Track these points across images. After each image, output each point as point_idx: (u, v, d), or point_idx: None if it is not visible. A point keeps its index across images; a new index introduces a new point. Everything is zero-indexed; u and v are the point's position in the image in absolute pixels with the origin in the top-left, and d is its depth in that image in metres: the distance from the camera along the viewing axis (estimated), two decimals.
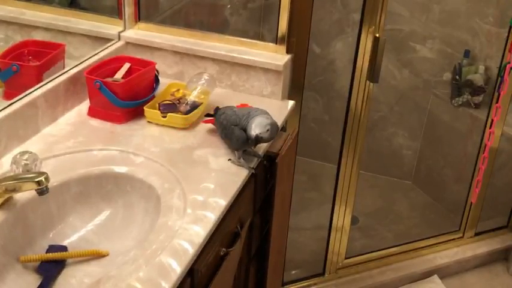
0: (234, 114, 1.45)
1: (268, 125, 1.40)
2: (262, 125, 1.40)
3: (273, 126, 1.41)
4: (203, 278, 1.24)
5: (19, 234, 1.23)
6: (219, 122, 1.49)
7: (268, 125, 1.40)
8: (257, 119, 1.41)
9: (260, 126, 1.39)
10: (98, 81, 1.53)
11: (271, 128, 1.40)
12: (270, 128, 1.40)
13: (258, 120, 1.40)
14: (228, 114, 1.47)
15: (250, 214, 1.58)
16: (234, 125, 1.42)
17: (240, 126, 1.42)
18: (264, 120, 1.41)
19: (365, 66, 1.97)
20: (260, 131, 1.39)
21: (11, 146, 1.40)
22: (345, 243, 2.32)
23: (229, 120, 1.44)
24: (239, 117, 1.43)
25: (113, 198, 1.36)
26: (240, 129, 1.41)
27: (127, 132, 1.53)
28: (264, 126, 1.40)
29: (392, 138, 3.07)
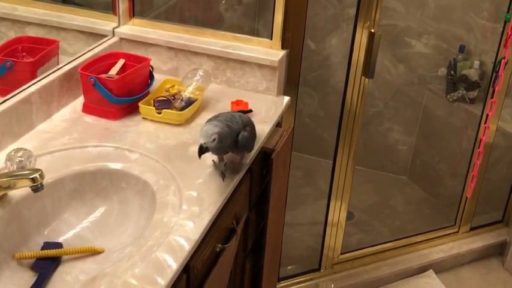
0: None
1: (215, 134, 1.27)
2: (207, 133, 1.27)
3: (221, 135, 1.27)
4: (199, 274, 1.24)
5: (14, 232, 1.22)
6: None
7: (215, 134, 1.27)
8: (204, 127, 1.29)
9: (205, 135, 1.27)
10: (92, 78, 1.53)
11: (218, 137, 1.27)
12: (217, 138, 1.27)
13: (205, 128, 1.28)
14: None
15: (246, 210, 1.58)
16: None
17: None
18: (211, 129, 1.27)
19: (360, 61, 1.97)
20: (204, 140, 1.27)
21: (5, 143, 1.39)
22: (340, 238, 2.33)
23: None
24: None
25: (108, 195, 1.36)
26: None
27: (122, 128, 1.53)
28: (209, 136, 1.27)
29: (387, 133, 3.08)
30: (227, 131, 1.29)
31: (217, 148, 1.29)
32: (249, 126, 1.39)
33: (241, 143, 1.34)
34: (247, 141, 1.37)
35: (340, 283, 2.37)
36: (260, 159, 1.59)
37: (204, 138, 1.26)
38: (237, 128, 1.33)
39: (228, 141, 1.30)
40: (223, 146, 1.30)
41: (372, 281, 2.40)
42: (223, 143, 1.29)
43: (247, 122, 1.38)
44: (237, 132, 1.33)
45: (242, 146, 1.36)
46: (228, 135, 1.30)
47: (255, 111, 1.64)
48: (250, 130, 1.39)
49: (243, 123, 1.36)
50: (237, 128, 1.33)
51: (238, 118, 1.36)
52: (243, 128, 1.35)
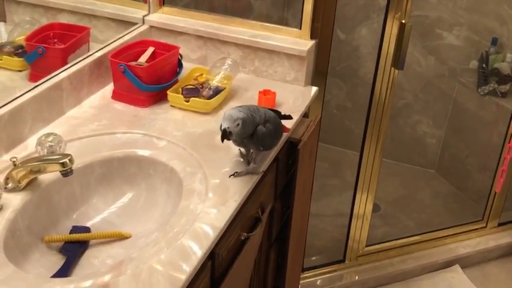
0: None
1: (239, 119, 1.24)
2: (231, 117, 1.24)
3: (245, 121, 1.25)
4: (224, 261, 1.25)
5: (43, 215, 1.25)
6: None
7: (240, 119, 1.24)
8: (228, 111, 1.26)
9: (229, 119, 1.24)
10: (122, 65, 1.54)
11: (242, 123, 1.24)
12: (241, 123, 1.24)
13: (229, 112, 1.26)
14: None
15: (272, 199, 1.58)
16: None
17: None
18: (235, 113, 1.25)
19: (390, 52, 1.95)
20: (228, 124, 1.24)
21: (36, 128, 1.42)
22: (366, 230, 2.32)
23: None
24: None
25: (135, 181, 1.38)
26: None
27: (150, 116, 1.54)
28: (233, 120, 1.24)
29: (416, 126, 3.04)
30: (250, 119, 1.27)
31: (240, 134, 1.26)
32: (271, 123, 1.34)
33: (256, 136, 1.30)
34: (263, 136, 1.31)
35: (364, 275, 2.36)
36: (286, 150, 1.59)
37: (228, 122, 1.23)
38: (258, 120, 1.30)
39: (250, 129, 1.28)
40: (245, 132, 1.27)
41: (396, 274, 2.39)
42: (246, 130, 1.26)
43: (269, 118, 1.34)
44: (257, 124, 1.30)
45: (257, 140, 1.31)
46: (250, 123, 1.27)
47: (282, 101, 1.64)
48: (271, 128, 1.34)
49: (265, 118, 1.33)
50: (258, 121, 1.30)
51: (263, 112, 1.33)
52: (264, 123, 1.32)
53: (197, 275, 1.10)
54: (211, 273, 1.20)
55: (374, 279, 2.36)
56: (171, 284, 1.02)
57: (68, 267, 1.17)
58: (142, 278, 1.02)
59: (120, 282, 1.01)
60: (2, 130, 1.31)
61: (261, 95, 1.61)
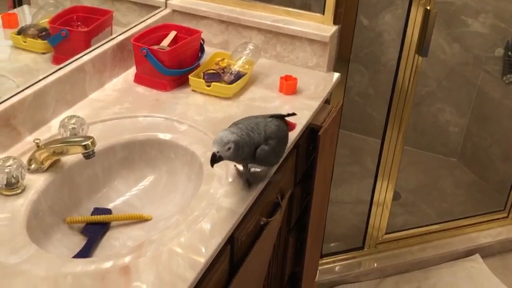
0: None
1: (230, 142, 1.13)
2: (222, 141, 1.13)
3: (238, 144, 1.13)
4: (243, 246, 1.26)
5: (65, 196, 1.26)
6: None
7: (231, 142, 1.13)
8: (219, 133, 1.14)
9: (219, 143, 1.13)
10: (144, 49, 1.55)
11: (234, 147, 1.13)
12: (233, 147, 1.13)
13: (220, 134, 1.14)
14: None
15: (291, 185, 1.58)
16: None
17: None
18: (227, 136, 1.13)
19: (414, 39, 1.92)
20: (218, 148, 1.13)
21: (59, 110, 1.43)
22: (386, 218, 2.31)
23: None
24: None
25: (156, 164, 1.39)
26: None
27: (172, 100, 1.55)
28: (223, 144, 1.13)
29: (439, 114, 3.01)
30: (246, 140, 1.16)
31: (233, 158, 1.16)
32: (273, 139, 1.22)
33: (258, 158, 1.20)
34: (266, 156, 1.21)
35: (383, 262, 2.36)
36: (307, 136, 1.59)
37: (218, 146, 1.12)
38: (257, 139, 1.19)
39: (245, 152, 1.16)
40: (240, 156, 1.16)
41: (416, 262, 2.38)
42: (239, 153, 1.15)
43: (271, 134, 1.22)
44: (257, 144, 1.19)
45: (260, 161, 1.22)
46: (246, 145, 1.16)
47: (304, 87, 1.63)
48: (274, 144, 1.23)
49: (266, 135, 1.21)
50: (258, 140, 1.19)
51: (262, 128, 1.21)
52: (265, 141, 1.20)
53: (216, 258, 1.11)
54: (230, 257, 1.21)
55: (393, 266, 2.36)
56: (191, 266, 1.02)
57: (89, 248, 1.19)
58: (162, 260, 1.03)
59: (140, 264, 1.02)
60: (26, 112, 1.32)
61: (282, 81, 1.61)
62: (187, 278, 1.00)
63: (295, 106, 1.54)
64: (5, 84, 1.38)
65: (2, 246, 1.04)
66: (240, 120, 1.24)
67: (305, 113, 1.52)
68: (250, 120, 1.24)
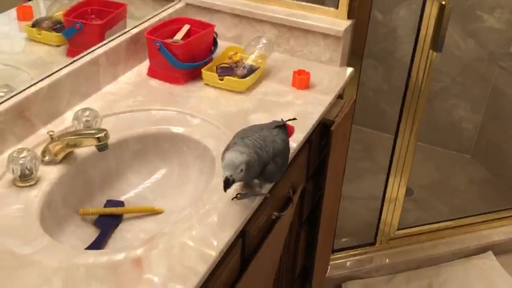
0: (240, 131, 1.22)
1: (242, 164, 1.08)
2: (234, 164, 1.07)
3: (249, 164, 1.09)
4: (254, 239, 1.26)
5: (79, 188, 1.27)
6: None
7: (243, 164, 1.08)
8: (228, 155, 1.09)
9: (231, 167, 1.08)
10: (158, 42, 1.55)
11: (246, 167, 1.08)
12: (245, 168, 1.08)
13: (230, 156, 1.09)
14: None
15: (303, 180, 1.58)
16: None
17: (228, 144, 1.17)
18: (237, 157, 1.08)
19: (429, 34, 1.91)
20: (231, 172, 1.08)
21: (73, 102, 1.44)
22: (398, 214, 2.30)
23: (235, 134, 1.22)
24: (233, 137, 1.19)
25: (169, 158, 1.39)
26: (225, 151, 1.15)
27: (185, 93, 1.55)
28: (235, 167, 1.08)
29: (452, 110, 2.99)
30: (255, 159, 1.11)
31: (245, 179, 1.14)
32: (280, 157, 1.19)
33: (266, 176, 1.17)
34: (273, 174, 1.19)
35: (395, 258, 2.35)
36: (320, 131, 1.58)
37: (230, 169, 1.08)
38: (266, 158, 1.14)
39: (255, 171, 1.12)
40: (251, 176, 1.13)
41: (427, 259, 2.37)
42: (251, 173, 1.11)
43: (278, 153, 1.18)
44: (266, 163, 1.14)
45: (267, 179, 1.20)
46: (256, 164, 1.11)
47: (317, 82, 1.63)
48: (281, 162, 1.19)
49: (274, 153, 1.16)
50: (266, 159, 1.14)
51: (270, 145, 1.16)
52: (273, 159, 1.16)
53: (227, 252, 1.11)
54: (241, 251, 1.22)
55: (404, 262, 2.35)
56: (202, 259, 1.03)
57: (102, 240, 1.19)
58: (174, 253, 1.04)
59: (152, 256, 1.03)
60: (40, 104, 1.33)
61: (295, 75, 1.60)
62: (198, 271, 1.00)
63: (308, 101, 1.54)
64: (20, 76, 1.39)
65: (16, 237, 1.05)
66: (246, 133, 1.17)
67: (318, 108, 1.51)
68: (256, 133, 1.17)
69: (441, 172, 2.92)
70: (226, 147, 1.15)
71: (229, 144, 1.15)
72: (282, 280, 1.69)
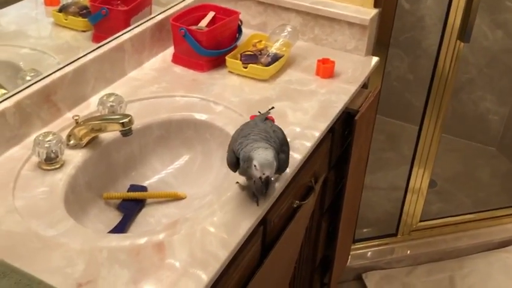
0: (236, 133, 1.17)
1: (275, 160, 1.06)
2: (271, 163, 1.05)
3: (275, 158, 1.07)
4: (275, 227, 1.26)
5: (103, 172, 1.29)
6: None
7: (275, 159, 1.06)
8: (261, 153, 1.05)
9: (269, 166, 1.05)
10: (182, 29, 1.55)
11: (276, 162, 1.06)
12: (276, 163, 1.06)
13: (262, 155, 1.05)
14: (249, 124, 1.18)
15: (325, 169, 1.58)
16: (231, 148, 1.14)
17: (233, 148, 1.13)
18: (269, 155, 1.05)
19: (456, 24, 1.88)
20: (270, 171, 1.06)
21: (98, 88, 1.45)
22: (420, 205, 2.28)
23: (232, 136, 1.17)
24: (234, 139, 1.14)
25: (192, 144, 1.40)
26: (231, 152, 1.13)
27: (208, 80, 1.55)
28: (273, 165, 1.05)
29: (479, 101, 2.95)
30: (276, 150, 1.10)
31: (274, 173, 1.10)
32: (285, 145, 1.18)
33: (279, 166, 1.13)
34: (285, 163, 1.17)
35: (416, 250, 2.34)
36: (343, 120, 1.57)
37: (270, 168, 1.05)
38: (277, 148, 1.12)
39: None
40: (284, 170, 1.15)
41: (450, 251, 2.36)
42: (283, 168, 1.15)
43: (282, 141, 1.16)
44: (277, 153, 1.12)
45: (279, 170, 1.16)
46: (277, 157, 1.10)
47: (341, 71, 1.61)
48: (287, 150, 1.18)
49: (280, 142, 1.15)
50: (277, 148, 1.12)
51: (274, 136, 1.14)
52: (281, 147, 1.14)
53: (248, 239, 1.12)
54: (262, 239, 1.22)
55: (426, 254, 2.34)
56: (223, 246, 1.03)
57: (125, 224, 1.21)
58: (196, 239, 1.05)
59: (174, 241, 1.04)
60: (66, 88, 1.35)
61: (320, 64, 1.59)
62: (219, 257, 1.01)
63: (332, 90, 1.53)
64: (46, 60, 1.41)
65: (41, 219, 1.07)
66: (245, 131, 1.14)
67: (342, 97, 1.50)
68: (254, 128, 1.14)
69: (465, 164, 2.88)
70: (232, 151, 1.12)
71: (235, 146, 1.11)
72: (302, 269, 1.70)
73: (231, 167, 1.14)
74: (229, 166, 1.15)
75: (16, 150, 1.24)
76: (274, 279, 1.36)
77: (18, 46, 1.43)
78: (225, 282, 1.06)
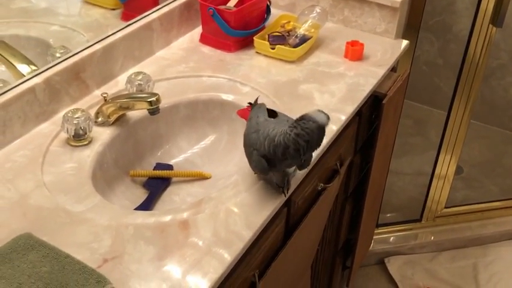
0: (256, 131, 1.07)
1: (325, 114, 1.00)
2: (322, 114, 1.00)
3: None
4: (299, 209, 1.27)
5: (130, 150, 1.30)
6: (244, 134, 1.12)
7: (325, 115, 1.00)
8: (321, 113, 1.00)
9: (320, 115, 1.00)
10: (211, 8, 1.55)
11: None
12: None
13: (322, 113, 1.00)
14: (252, 124, 1.10)
15: (351, 153, 1.57)
16: (254, 148, 1.06)
17: (259, 151, 1.05)
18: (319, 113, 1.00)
19: (489, 8, 1.84)
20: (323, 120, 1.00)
21: (127, 66, 1.46)
22: (446, 192, 2.26)
23: (249, 138, 1.08)
24: (259, 138, 1.05)
25: (218, 124, 1.40)
26: (259, 156, 1.05)
27: (235, 61, 1.55)
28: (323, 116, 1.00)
29: (509, 88, 2.89)
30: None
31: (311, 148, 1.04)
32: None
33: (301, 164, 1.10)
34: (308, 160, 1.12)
35: (440, 236, 2.32)
36: (371, 103, 1.56)
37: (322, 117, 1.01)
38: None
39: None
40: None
41: (474, 238, 2.34)
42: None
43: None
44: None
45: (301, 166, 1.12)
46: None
47: (370, 53, 1.60)
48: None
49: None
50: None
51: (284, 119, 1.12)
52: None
53: (272, 220, 1.12)
54: (286, 220, 1.22)
55: (450, 241, 2.32)
56: (247, 226, 1.04)
57: (151, 202, 1.22)
58: (220, 218, 1.05)
59: (199, 220, 1.05)
60: (95, 66, 1.36)
61: (348, 46, 1.58)
62: (243, 237, 1.02)
63: (360, 73, 1.52)
64: (76, 38, 1.42)
65: (69, 194, 1.09)
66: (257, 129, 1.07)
67: (370, 80, 1.49)
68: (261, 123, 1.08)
69: (493, 151, 2.84)
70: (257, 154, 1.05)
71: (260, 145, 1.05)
72: (324, 251, 1.70)
73: (264, 170, 1.06)
74: (261, 171, 1.07)
75: (45, 126, 1.25)
76: (297, 260, 1.37)
77: (48, 23, 1.44)
78: (248, 262, 1.07)
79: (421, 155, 2.71)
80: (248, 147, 1.08)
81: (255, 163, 1.07)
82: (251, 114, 1.15)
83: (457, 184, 2.45)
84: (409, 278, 2.22)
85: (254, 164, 1.07)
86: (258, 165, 1.06)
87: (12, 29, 1.38)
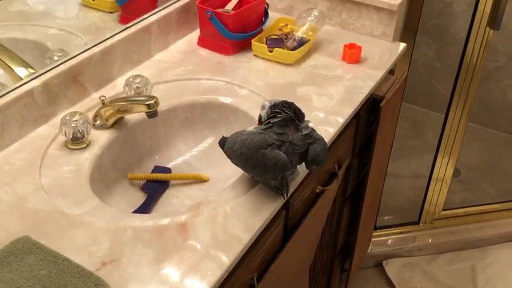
0: (252, 135, 1.06)
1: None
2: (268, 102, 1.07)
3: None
4: (297, 212, 1.27)
5: (128, 153, 1.30)
6: (235, 155, 1.09)
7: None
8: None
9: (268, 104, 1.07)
10: (209, 11, 1.55)
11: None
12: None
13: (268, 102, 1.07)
14: (243, 138, 1.08)
15: (349, 155, 1.57)
16: (263, 148, 1.04)
17: (273, 146, 1.04)
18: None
19: (486, 11, 1.85)
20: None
21: (125, 69, 1.46)
22: (444, 194, 2.27)
23: (253, 145, 1.05)
24: (265, 136, 1.05)
25: (216, 127, 1.40)
26: (274, 149, 1.03)
27: (234, 64, 1.55)
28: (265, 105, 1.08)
29: (507, 91, 2.90)
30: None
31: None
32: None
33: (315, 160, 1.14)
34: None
35: (438, 239, 2.32)
36: (368, 106, 1.56)
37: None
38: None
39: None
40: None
41: (472, 241, 2.34)
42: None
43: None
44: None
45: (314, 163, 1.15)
46: None
47: (368, 56, 1.60)
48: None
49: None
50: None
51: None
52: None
53: (271, 223, 1.12)
54: (284, 222, 1.22)
55: (448, 243, 2.32)
56: (245, 228, 1.04)
57: (149, 205, 1.22)
58: (218, 221, 1.05)
59: (197, 223, 1.05)
60: (93, 69, 1.36)
61: (346, 49, 1.58)
62: (242, 239, 1.02)
63: (358, 75, 1.52)
64: (74, 41, 1.42)
65: (67, 197, 1.09)
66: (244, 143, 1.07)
67: (368, 83, 1.49)
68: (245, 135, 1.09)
69: (490, 154, 2.85)
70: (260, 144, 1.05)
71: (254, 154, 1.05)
72: (323, 254, 1.70)
73: (285, 163, 1.04)
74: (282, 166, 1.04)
75: (43, 129, 1.25)
76: (295, 263, 1.37)
77: (46, 26, 1.44)
78: (246, 265, 1.07)
79: (419, 157, 2.71)
80: (254, 153, 1.04)
81: (275, 160, 1.02)
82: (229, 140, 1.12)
83: (454, 186, 2.46)
84: (407, 281, 2.22)
85: (274, 161, 1.02)
86: (278, 161, 1.02)
87: (10, 32, 1.38)
